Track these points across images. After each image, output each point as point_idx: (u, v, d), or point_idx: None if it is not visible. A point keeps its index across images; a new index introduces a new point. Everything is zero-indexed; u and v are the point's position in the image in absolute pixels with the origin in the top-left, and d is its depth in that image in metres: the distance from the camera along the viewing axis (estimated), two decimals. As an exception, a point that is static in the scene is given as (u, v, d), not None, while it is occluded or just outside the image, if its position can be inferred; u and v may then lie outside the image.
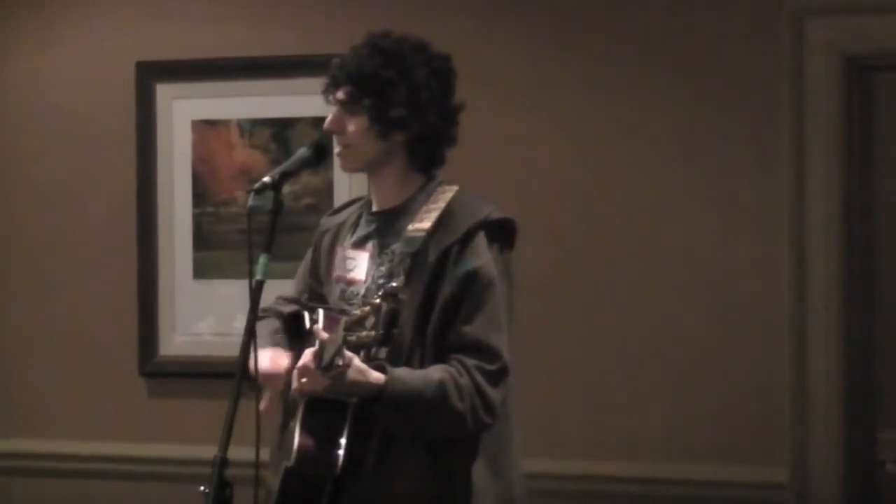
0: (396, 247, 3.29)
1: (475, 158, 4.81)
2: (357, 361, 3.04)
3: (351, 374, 3.04)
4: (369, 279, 3.33)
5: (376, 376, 3.08)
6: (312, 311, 3.34)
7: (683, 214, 4.79)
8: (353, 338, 2.92)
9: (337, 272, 3.42)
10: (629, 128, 4.84)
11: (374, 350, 3.07)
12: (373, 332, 2.89)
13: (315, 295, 3.49)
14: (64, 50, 5.36)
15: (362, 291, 3.32)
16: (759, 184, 4.72)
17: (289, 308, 3.54)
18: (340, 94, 3.32)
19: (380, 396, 3.08)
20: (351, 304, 3.32)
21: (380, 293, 2.90)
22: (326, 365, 2.99)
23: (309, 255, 3.61)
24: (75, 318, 5.33)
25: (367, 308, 2.91)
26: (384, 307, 2.86)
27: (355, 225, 3.47)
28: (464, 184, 3.40)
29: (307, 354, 3.09)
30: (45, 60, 5.38)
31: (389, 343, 2.98)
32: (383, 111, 3.27)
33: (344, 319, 2.97)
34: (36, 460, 5.33)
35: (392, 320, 2.88)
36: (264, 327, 3.44)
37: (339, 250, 3.44)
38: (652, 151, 4.82)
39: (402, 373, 3.12)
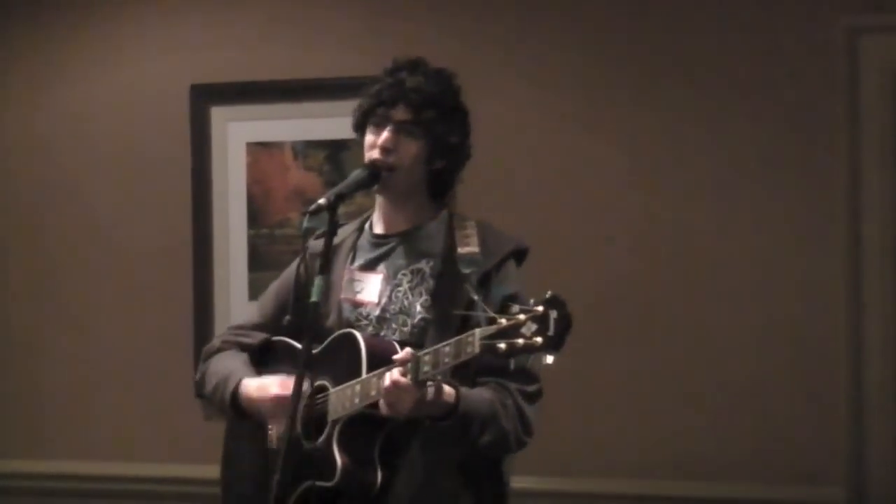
0: (423, 265, 3.29)
1: (522, 177, 4.82)
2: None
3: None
4: (384, 300, 3.31)
5: (448, 391, 3.07)
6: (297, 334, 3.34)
7: (736, 232, 4.78)
8: (502, 345, 2.81)
9: (343, 294, 3.38)
10: (681, 145, 4.83)
11: (531, 358, 2.84)
12: (538, 339, 2.78)
13: (297, 314, 3.38)
14: (118, 73, 5.40)
15: (377, 312, 3.31)
16: (813, 201, 4.71)
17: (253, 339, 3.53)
18: (405, 114, 3.29)
19: (450, 413, 3.07)
20: (359, 325, 3.31)
21: (539, 302, 2.80)
22: (424, 378, 2.97)
23: (285, 277, 3.57)
24: (132, 339, 5.36)
25: (522, 316, 2.81)
26: (552, 315, 2.79)
27: (353, 248, 3.44)
28: (512, 203, 3.42)
29: (394, 373, 3.02)
30: (99, 84, 5.42)
31: (561, 348, 2.87)
32: (445, 136, 3.29)
33: (478, 331, 2.87)
34: (93, 482, 5.35)
35: (567, 326, 2.79)
36: (232, 358, 3.49)
37: (344, 273, 3.40)
38: (705, 169, 4.81)
39: (465, 391, 3.12)
